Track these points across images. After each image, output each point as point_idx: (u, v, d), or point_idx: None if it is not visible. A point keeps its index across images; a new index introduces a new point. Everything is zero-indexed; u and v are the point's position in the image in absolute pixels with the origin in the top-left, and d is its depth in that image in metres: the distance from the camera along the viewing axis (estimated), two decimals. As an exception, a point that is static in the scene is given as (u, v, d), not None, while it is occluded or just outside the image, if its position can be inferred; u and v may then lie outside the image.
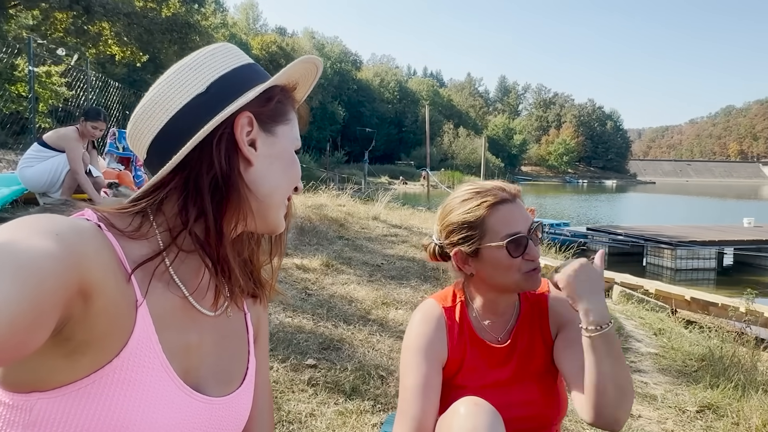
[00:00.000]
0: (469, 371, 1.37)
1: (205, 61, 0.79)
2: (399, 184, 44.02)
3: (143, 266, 0.72)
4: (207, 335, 0.83)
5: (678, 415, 3.19)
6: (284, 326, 3.18)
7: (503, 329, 1.40)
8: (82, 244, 0.64)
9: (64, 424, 0.65)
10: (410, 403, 1.27)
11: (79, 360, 0.65)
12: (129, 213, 0.75)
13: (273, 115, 0.82)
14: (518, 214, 1.32)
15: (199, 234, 0.76)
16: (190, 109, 0.76)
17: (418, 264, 4.91)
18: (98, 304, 0.64)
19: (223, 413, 0.83)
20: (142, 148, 0.80)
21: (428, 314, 1.39)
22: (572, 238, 13.87)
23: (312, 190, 9.32)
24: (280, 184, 0.83)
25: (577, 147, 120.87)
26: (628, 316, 6.09)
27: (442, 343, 1.36)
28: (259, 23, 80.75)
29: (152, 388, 0.71)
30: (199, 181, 0.74)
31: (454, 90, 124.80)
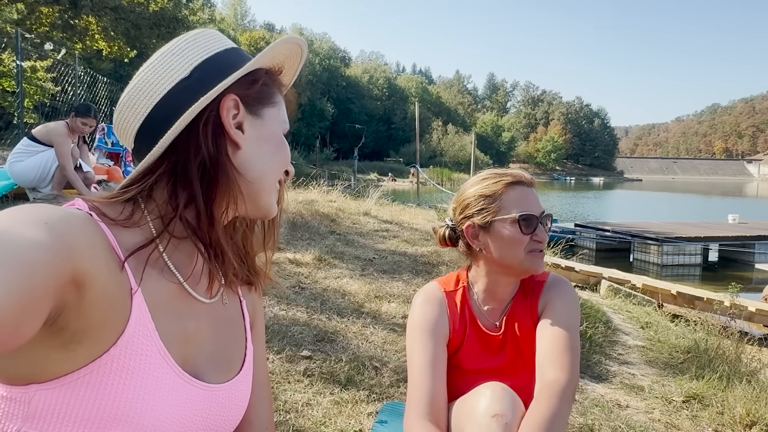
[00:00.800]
0: (467, 353, 1.41)
1: (187, 46, 0.78)
2: (388, 180, 44.00)
3: (136, 254, 0.71)
4: (204, 322, 0.83)
5: (665, 405, 3.26)
6: (279, 319, 3.20)
7: (499, 314, 1.44)
8: (73, 232, 0.63)
9: (63, 414, 0.64)
10: (420, 379, 1.30)
11: (76, 350, 0.64)
12: (119, 201, 0.74)
13: (259, 98, 0.81)
14: (533, 198, 1.40)
15: (190, 219, 0.76)
16: (175, 94, 0.75)
17: (410, 258, 4.96)
18: (92, 293, 0.64)
19: (223, 400, 0.83)
20: (129, 137, 0.79)
21: (430, 295, 1.44)
22: (560, 234, 13.96)
23: (302, 186, 9.32)
24: (269, 167, 0.82)
25: (565, 144, 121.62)
26: (615, 310, 6.18)
27: (444, 322, 1.40)
28: (247, 19, 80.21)
29: (151, 375, 0.71)
30: (187, 166, 0.74)
31: (443, 87, 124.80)
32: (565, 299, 1.39)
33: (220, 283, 0.84)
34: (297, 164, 23.79)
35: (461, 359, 1.40)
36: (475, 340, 1.42)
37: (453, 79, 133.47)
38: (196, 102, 0.73)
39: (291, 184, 9.15)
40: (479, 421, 1.13)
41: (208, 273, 0.81)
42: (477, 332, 1.42)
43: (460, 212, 1.44)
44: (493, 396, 1.15)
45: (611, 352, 4.39)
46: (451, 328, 1.40)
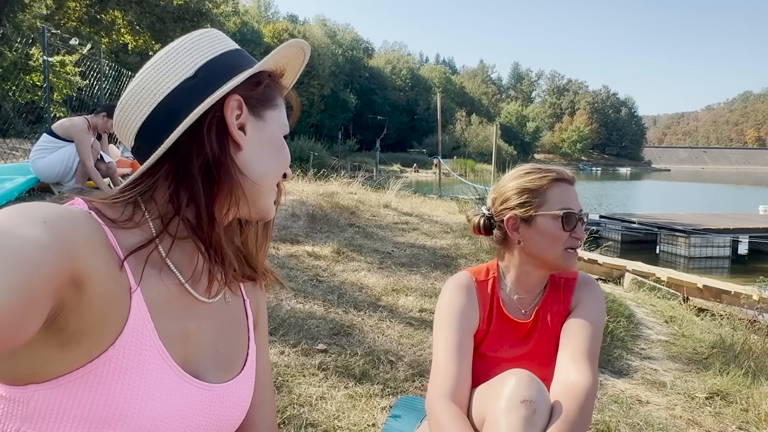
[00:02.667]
0: (492, 342, 1.43)
1: (192, 45, 0.78)
2: (411, 171, 43.92)
3: (136, 254, 0.71)
4: (205, 322, 0.83)
5: (687, 402, 3.20)
6: (295, 312, 3.22)
7: (529, 306, 1.47)
8: (72, 231, 0.63)
9: (62, 414, 0.65)
10: (446, 362, 1.31)
11: (75, 350, 0.65)
12: (120, 202, 0.75)
13: (262, 100, 0.81)
14: (574, 196, 1.44)
15: (191, 219, 0.76)
16: (179, 94, 0.75)
17: (429, 251, 4.94)
18: (91, 293, 0.64)
19: (225, 399, 0.83)
20: (129, 136, 0.79)
21: (461, 284, 1.46)
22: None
23: (323, 178, 9.35)
24: (270, 169, 0.83)
25: (591, 134, 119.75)
26: (639, 303, 6.08)
27: (474, 310, 1.43)
28: (270, 11, 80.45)
29: (150, 375, 0.71)
30: (189, 166, 0.74)
31: (467, 77, 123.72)
32: (597, 302, 1.44)
33: (221, 283, 0.84)
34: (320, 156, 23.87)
35: (487, 347, 1.43)
36: (501, 329, 1.44)
37: (477, 68, 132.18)
38: (202, 102, 0.73)
39: (313, 177, 9.20)
40: (506, 405, 1.12)
41: (208, 273, 0.81)
42: (505, 321, 1.45)
43: (501, 203, 1.47)
44: (519, 382, 1.15)
45: (633, 347, 4.32)
46: (480, 317, 1.43)
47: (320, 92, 60.34)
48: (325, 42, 66.18)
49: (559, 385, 1.26)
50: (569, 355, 1.31)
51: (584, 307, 1.42)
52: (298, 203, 6.08)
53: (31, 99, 12.18)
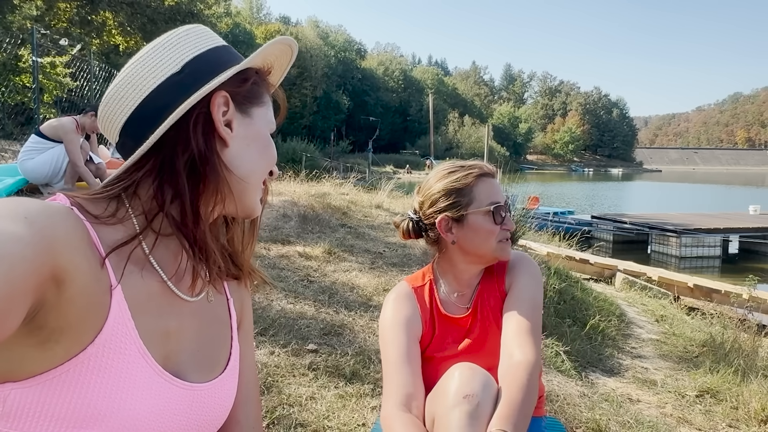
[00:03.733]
0: (438, 344, 1.44)
1: (179, 41, 0.78)
2: (404, 173, 43.89)
3: (118, 251, 0.70)
4: (187, 320, 0.81)
5: (677, 400, 3.21)
6: (286, 312, 3.20)
7: (467, 300, 1.48)
8: (53, 227, 0.62)
9: (39, 413, 0.63)
10: (395, 372, 1.31)
11: (53, 348, 0.64)
12: (103, 198, 0.74)
13: (249, 97, 0.81)
14: (498, 188, 1.47)
15: (175, 216, 0.75)
16: (165, 89, 0.74)
17: (420, 251, 4.92)
18: (71, 290, 0.63)
19: (206, 399, 0.82)
20: (114, 131, 0.78)
21: (401, 294, 1.48)
22: (576, 226, 13.85)
23: (315, 179, 9.32)
24: (256, 166, 0.82)
25: (583, 135, 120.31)
26: (630, 302, 6.10)
27: (416, 317, 1.44)
28: (262, 12, 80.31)
29: (129, 374, 0.69)
30: (174, 162, 0.73)
31: (459, 78, 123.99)
32: (530, 278, 1.45)
33: (204, 281, 0.83)
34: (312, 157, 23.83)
35: (433, 350, 1.44)
36: (445, 329, 1.45)
37: (469, 70, 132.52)
38: (188, 98, 0.73)
39: (305, 178, 9.17)
40: (450, 403, 1.13)
41: (192, 270, 0.80)
42: (447, 321, 1.46)
43: (429, 206, 1.47)
44: (461, 377, 1.16)
45: (624, 346, 4.33)
46: (423, 322, 1.44)
47: (313, 93, 60.27)
48: (317, 43, 66.09)
49: (504, 366, 1.28)
50: (510, 335, 1.33)
51: (518, 284, 1.44)
52: (290, 204, 6.06)
53: (21, 100, 12.09)
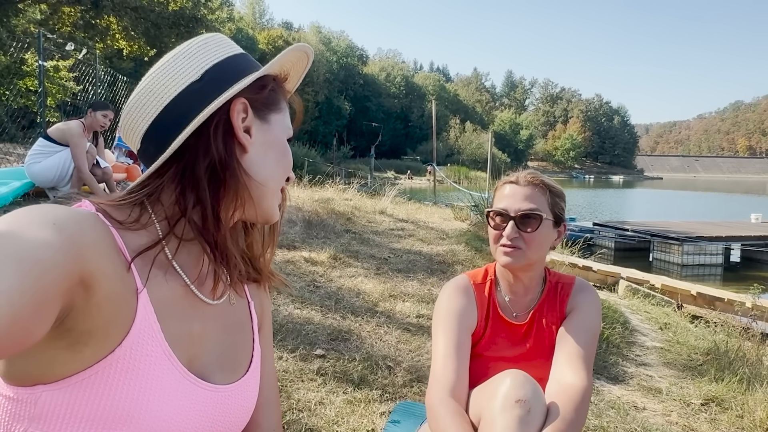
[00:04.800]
0: (489, 343, 1.46)
1: (198, 49, 0.79)
2: (405, 178, 43.94)
3: (142, 255, 0.71)
4: (210, 323, 0.83)
5: (682, 408, 3.21)
6: (293, 317, 3.22)
7: (525, 308, 1.49)
8: (81, 233, 0.64)
9: (70, 415, 0.65)
10: (444, 361, 1.33)
11: (82, 351, 0.65)
12: (127, 204, 0.75)
13: (267, 103, 0.82)
14: (511, 195, 1.45)
15: (197, 221, 0.76)
16: (186, 97, 0.76)
17: (425, 257, 4.94)
18: (99, 294, 0.64)
19: (230, 401, 0.83)
20: (136, 138, 0.79)
21: (459, 286, 1.50)
22: (578, 233, 13.83)
23: (318, 185, 9.35)
24: (274, 172, 0.83)
25: (584, 142, 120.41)
26: (633, 310, 6.10)
27: (472, 312, 1.45)
28: (265, 17, 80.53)
29: (156, 376, 0.71)
30: (196, 169, 0.74)
31: (461, 85, 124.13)
32: (593, 307, 1.45)
33: (226, 285, 0.84)
34: (314, 162, 23.85)
35: (483, 348, 1.45)
36: (498, 330, 1.47)
37: (471, 76, 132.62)
38: (208, 105, 0.74)
39: (308, 183, 9.19)
40: (502, 405, 1.14)
41: (214, 274, 0.81)
42: (501, 323, 1.47)
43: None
44: (514, 382, 1.17)
45: (629, 353, 4.33)
46: (477, 318, 1.46)
47: (314, 99, 60.38)
48: (319, 49, 66.28)
49: (556, 384, 1.28)
50: (565, 357, 1.34)
51: (580, 312, 1.44)
52: (294, 209, 6.08)
53: (25, 104, 12.13)
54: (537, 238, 1.41)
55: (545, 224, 1.42)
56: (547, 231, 1.43)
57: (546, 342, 1.44)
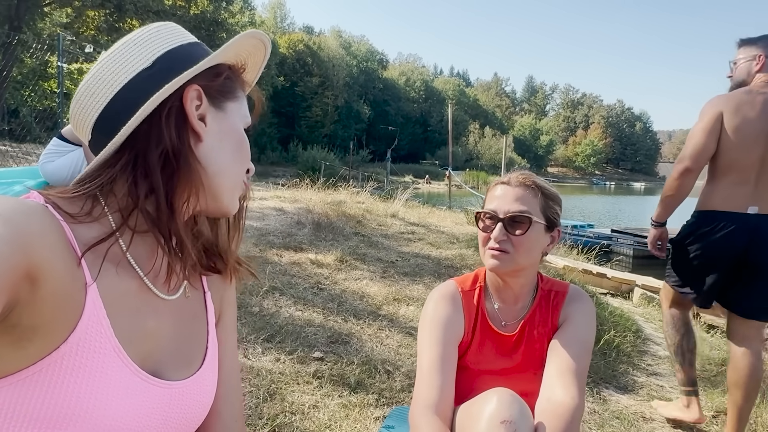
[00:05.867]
0: (475, 354, 1.40)
1: (150, 36, 0.77)
2: (423, 183, 43.89)
3: (94, 249, 0.69)
4: (165, 318, 0.81)
5: (693, 420, 3.11)
6: (294, 319, 3.19)
7: (515, 318, 1.43)
8: (29, 224, 0.62)
9: (12, 414, 0.63)
10: (429, 374, 1.29)
11: (26, 347, 0.63)
12: (79, 196, 0.73)
13: (222, 91, 0.80)
14: (501, 196, 1.38)
15: (150, 211, 0.74)
16: (136, 84, 0.74)
17: (433, 261, 4.89)
18: (45, 288, 0.62)
19: (184, 397, 0.81)
20: (86, 128, 0.77)
21: (446, 293, 1.44)
22: (596, 240, 13.65)
23: (333, 187, 9.35)
24: (230, 161, 0.81)
25: (605, 148, 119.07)
26: (648, 318, 5.97)
27: (459, 321, 1.39)
28: (286, 22, 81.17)
29: (104, 373, 0.69)
30: (148, 157, 0.73)
31: (481, 90, 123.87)
32: (586, 318, 1.39)
33: (179, 277, 0.82)
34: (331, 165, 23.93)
35: (470, 360, 1.39)
36: (486, 340, 1.41)
37: (491, 81, 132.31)
38: (160, 90, 0.72)
39: (322, 185, 9.20)
40: (487, 426, 1.09)
41: (167, 266, 0.79)
42: (489, 333, 1.41)
43: None
44: (500, 402, 1.12)
45: (640, 363, 4.24)
46: (465, 328, 1.40)
47: (334, 103, 60.69)
48: (339, 53, 66.62)
49: (545, 402, 1.22)
50: (556, 373, 1.27)
51: (573, 323, 1.37)
52: (304, 211, 6.08)
53: (48, 105, 12.37)
54: (526, 242, 1.34)
55: (535, 228, 1.35)
56: (537, 235, 1.36)
57: (537, 354, 1.38)
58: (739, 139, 2.41)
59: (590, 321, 1.39)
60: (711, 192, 2.57)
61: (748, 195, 2.43)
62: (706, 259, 2.56)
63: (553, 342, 1.35)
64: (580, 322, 1.37)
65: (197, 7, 20.48)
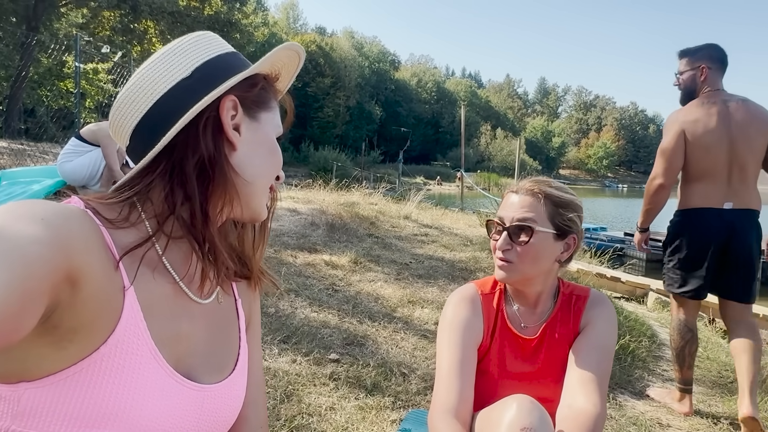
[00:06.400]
0: (495, 359, 1.39)
1: (189, 46, 0.79)
2: (434, 184, 43.84)
3: (131, 253, 0.71)
4: (198, 322, 0.83)
5: (710, 427, 3.09)
6: (309, 321, 3.20)
7: (536, 322, 1.42)
8: (69, 228, 0.63)
9: (53, 413, 0.64)
10: (449, 378, 1.28)
11: (67, 348, 0.64)
12: (117, 202, 0.75)
13: (257, 101, 0.82)
14: (509, 204, 1.38)
15: (185, 218, 0.76)
16: (175, 93, 0.76)
17: (447, 264, 4.89)
18: (86, 291, 0.64)
19: (216, 400, 0.83)
20: (125, 134, 0.79)
21: (465, 296, 1.43)
22: (609, 243, 13.54)
23: (345, 188, 9.37)
24: (263, 170, 0.83)
25: (618, 151, 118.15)
26: (662, 323, 5.92)
27: (478, 324, 1.39)
28: (299, 22, 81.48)
29: (141, 375, 0.70)
30: (184, 165, 0.75)
31: (493, 91, 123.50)
32: (608, 323, 1.38)
33: (213, 282, 0.84)
34: (343, 166, 23.98)
35: (490, 363, 1.39)
36: (506, 344, 1.40)
37: (503, 83, 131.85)
38: (197, 102, 0.74)
39: (334, 186, 9.22)
40: None
41: (201, 272, 0.81)
42: (509, 336, 1.40)
43: None
44: (520, 408, 1.11)
45: (655, 368, 4.20)
46: (484, 332, 1.39)
47: (346, 103, 60.77)
48: (352, 54, 66.73)
49: (566, 409, 1.22)
50: (577, 379, 1.26)
51: (594, 328, 1.36)
52: (318, 212, 6.10)
53: (65, 105, 12.50)
54: (530, 251, 1.33)
55: (540, 236, 1.33)
56: (543, 243, 1.34)
57: (558, 359, 1.37)
58: (704, 148, 2.75)
59: (612, 326, 1.38)
60: (689, 193, 2.91)
61: (723, 193, 2.77)
62: (695, 252, 2.87)
63: (574, 347, 1.34)
64: (602, 327, 1.36)
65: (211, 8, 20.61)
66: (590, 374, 1.26)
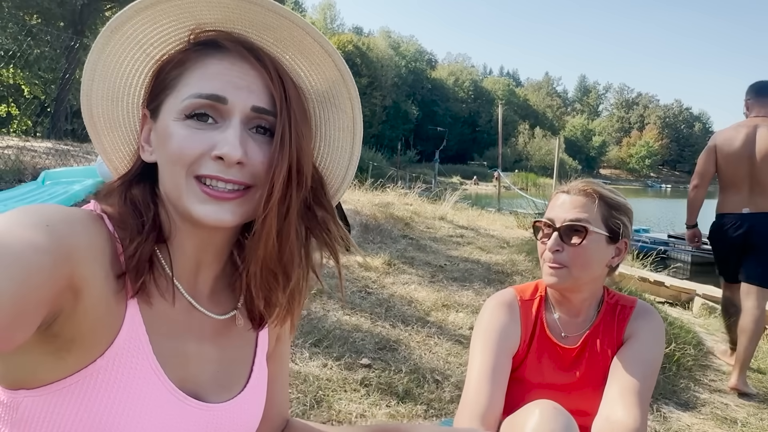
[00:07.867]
0: (532, 367, 1.34)
1: None
2: (471, 184, 43.48)
3: (140, 262, 0.67)
4: (207, 337, 0.78)
5: (761, 442, 2.93)
6: (341, 324, 3.17)
7: (577, 331, 1.36)
8: (74, 235, 0.60)
9: (48, 423, 0.63)
10: (478, 385, 1.24)
11: (65, 358, 0.63)
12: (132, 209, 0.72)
13: (156, 93, 0.72)
14: (560, 205, 1.32)
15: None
16: None
17: (483, 266, 4.79)
18: (87, 300, 0.61)
19: (224, 420, 0.78)
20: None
21: (503, 301, 1.38)
22: (651, 245, 13.15)
23: (380, 188, 9.33)
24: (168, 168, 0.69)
25: (661, 150, 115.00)
26: (709, 331, 5.69)
27: (515, 331, 1.34)
28: (336, 23, 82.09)
29: (139, 391, 0.67)
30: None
31: (531, 89, 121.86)
32: (654, 335, 1.31)
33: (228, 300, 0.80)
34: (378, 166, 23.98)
35: (526, 371, 1.33)
36: (544, 353, 1.35)
37: (542, 81, 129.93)
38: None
39: (369, 186, 9.18)
40: None
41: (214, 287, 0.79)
42: (548, 345, 1.35)
43: None
44: (543, 415, 1.05)
45: (702, 378, 4.03)
46: (521, 339, 1.34)
47: (382, 103, 60.92)
48: (388, 53, 66.86)
49: (604, 421, 1.16)
50: (617, 391, 1.20)
51: (639, 339, 1.29)
52: (352, 212, 6.07)
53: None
54: (583, 254, 1.26)
55: (594, 238, 1.27)
56: (596, 246, 1.27)
57: (599, 371, 1.30)
58: (729, 162, 3.51)
59: (658, 339, 1.31)
60: (721, 200, 3.70)
61: (743, 200, 3.52)
62: (724, 246, 3.67)
63: (616, 359, 1.28)
64: (647, 339, 1.29)
65: (250, 10, 20.93)
66: (631, 387, 1.19)
